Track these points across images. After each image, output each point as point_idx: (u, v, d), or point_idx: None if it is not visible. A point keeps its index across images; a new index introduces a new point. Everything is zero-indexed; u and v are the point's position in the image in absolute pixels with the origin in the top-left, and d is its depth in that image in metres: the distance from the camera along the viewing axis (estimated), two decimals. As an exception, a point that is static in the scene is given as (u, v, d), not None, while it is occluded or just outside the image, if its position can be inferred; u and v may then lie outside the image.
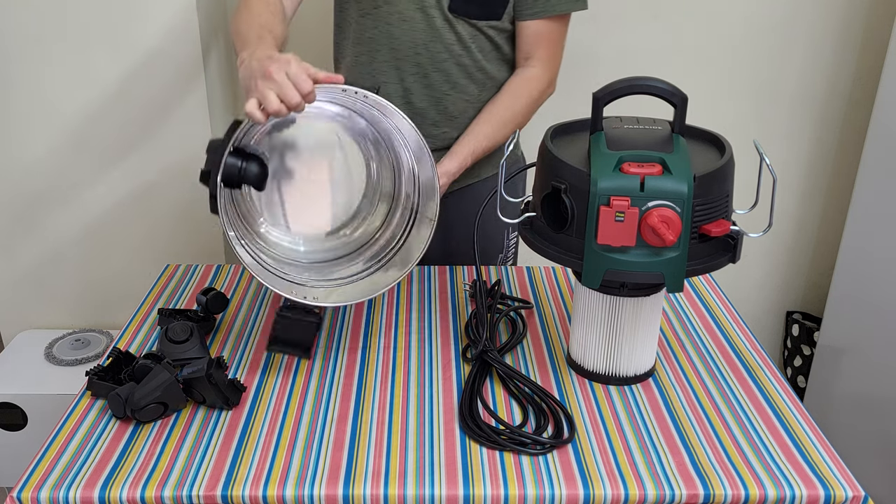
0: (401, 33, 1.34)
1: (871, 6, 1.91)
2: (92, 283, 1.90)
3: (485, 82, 1.40)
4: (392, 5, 1.33)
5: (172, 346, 1.07)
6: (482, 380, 1.07)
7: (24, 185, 1.79)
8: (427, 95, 1.39)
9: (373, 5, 1.34)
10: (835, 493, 0.89)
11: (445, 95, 1.39)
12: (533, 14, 1.35)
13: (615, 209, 0.90)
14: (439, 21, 1.33)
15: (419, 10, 1.32)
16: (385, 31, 1.35)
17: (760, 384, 1.08)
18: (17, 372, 1.80)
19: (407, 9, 1.33)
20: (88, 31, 1.64)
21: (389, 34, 1.35)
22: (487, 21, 1.34)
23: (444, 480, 0.90)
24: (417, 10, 1.32)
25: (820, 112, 2.03)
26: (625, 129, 1.02)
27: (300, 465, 0.92)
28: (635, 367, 1.07)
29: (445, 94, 1.39)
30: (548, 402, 1.02)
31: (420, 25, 1.33)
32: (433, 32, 1.34)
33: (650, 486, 0.89)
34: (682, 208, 0.90)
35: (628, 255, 0.93)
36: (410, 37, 1.34)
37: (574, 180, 0.94)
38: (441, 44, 1.35)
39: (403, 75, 1.37)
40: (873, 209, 1.81)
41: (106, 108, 1.72)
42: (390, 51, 1.36)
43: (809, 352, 2.17)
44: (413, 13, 1.33)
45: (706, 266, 0.96)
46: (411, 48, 1.35)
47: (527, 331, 1.20)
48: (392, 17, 1.33)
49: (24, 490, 0.88)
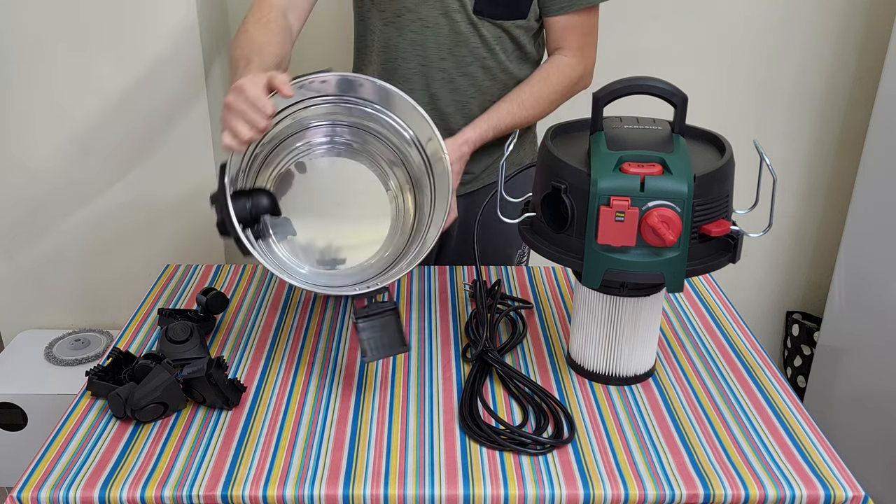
0: (425, 39, 1.34)
1: (871, 6, 1.91)
2: (92, 283, 1.90)
3: (507, 83, 1.39)
4: (415, 12, 1.32)
5: (172, 346, 1.07)
6: (482, 380, 1.07)
7: (25, 186, 1.79)
8: (453, 100, 1.38)
9: (396, 13, 1.34)
10: (835, 493, 0.89)
11: (470, 99, 1.39)
12: (559, 9, 1.34)
13: (615, 209, 0.90)
14: (464, 25, 1.32)
15: (443, 16, 1.32)
16: (409, 38, 1.34)
17: (760, 384, 1.08)
18: (17, 372, 1.80)
19: (430, 15, 1.32)
20: (91, 36, 1.65)
21: (414, 41, 1.34)
22: (513, 21, 1.34)
23: (444, 480, 0.90)
24: (441, 15, 1.32)
25: (820, 112, 2.03)
26: (625, 129, 1.02)
27: (300, 465, 0.92)
28: (635, 367, 1.07)
29: (470, 98, 1.39)
30: (548, 402, 1.02)
31: (444, 30, 1.33)
32: (458, 36, 1.33)
33: (650, 486, 0.89)
34: (683, 208, 0.90)
35: (628, 255, 0.93)
36: (435, 42, 1.34)
37: (574, 180, 0.94)
38: (466, 47, 1.34)
39: (430, 81, 1.37)
40: (873, 209, 1.81)
41: (107, 111, 1.72)
42: (416, 58, 1.35)
43: (809, 352, 2.17)
44: (437, 18, 1.32)
45: (706, 266, 0.96)
46: (436, 54, 1.34)
47: (527, 331, 1.21)
48: (416, 24, 1.33)
49: (24, 490, 0.89)
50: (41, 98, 1.71)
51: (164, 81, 1.70)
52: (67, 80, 1.69)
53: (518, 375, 1.06)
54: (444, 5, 1.31)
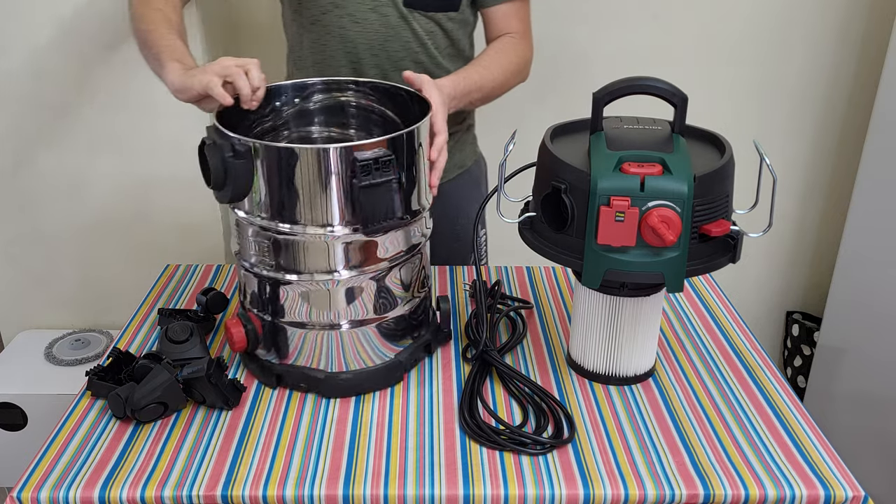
0: (355, 35, 1.32)
1: (871, 6, 1.91)
2: (92, 283, 1.90)
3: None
4: (343, 7, 1.30)
5: (172, 346, 1.07)
6: (482, 380, 1.07)
7: (25, 185, 1.79)
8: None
9: (321, 10, 1.31)
10: (835, 493, 0.89)
11: None
12: (497, 0, 1.34)
13: (615, 209, 0.90)
14: (394, 18, 1.31)
15: (371, 10, 1.30)
16: (339, 35, 1.32)
17: (760, 384, 1.08)
18: (17, 372, 1.80)
19: (358, 10, 1.30)
20: (88, 27, 1.64)
21: (343, 38, 1.32)
22: (445, 13, 1.33)
23: (444, 480, 0.90)
24: (369, 10, 1.30)
25: (820, 112, 2.03)
26: (625, 129, 1.02)
27: (300, 465, 0.92)
28: (635, 368, 1.07)
29: None
30: (548, 401, 1.02)
31: (374, 25, 1.31)
32: (389, 31, 1.31)
33: (650, 486, 0.89)
34: (682, 208, 0.90)
35: (628, 255, 0.93)
36: (366, 38, 1.32)
37: (574, 180, 0.94)
38: (398, 42, 1.32)
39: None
40: (873, 209, 1.81)
41: (105, 109, 1.72)
42: (346, 55, 1.33)
43: (809, 352, 2.17)
44: (365, 13, 1.30)
45: (706, 266, 0.96)
46: (368, 50, 1.33)
47: (527, 331, 1.20)
48: (343, 20, 1.31)
49: (24, 490, 0.89)
50: (41, 97, 1.71)
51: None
52: (66, 77, 1.69)
53: (518, 375, 1.06)
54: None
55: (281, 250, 1.00)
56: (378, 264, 1.02)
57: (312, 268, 1.00)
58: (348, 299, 1.02)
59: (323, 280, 1.00)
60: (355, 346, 1.04)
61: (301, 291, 1.01)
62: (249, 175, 0.96)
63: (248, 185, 0.97)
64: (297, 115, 1.16)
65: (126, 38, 1.65)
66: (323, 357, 1.04)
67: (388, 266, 1.03)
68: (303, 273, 1.00)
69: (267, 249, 1.01)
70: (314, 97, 1.16)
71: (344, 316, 1.03)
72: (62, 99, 1.71)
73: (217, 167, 0.95)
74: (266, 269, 1.02)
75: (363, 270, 1.01)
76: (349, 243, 0.99)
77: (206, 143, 0.97)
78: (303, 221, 0.97)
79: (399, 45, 1.33)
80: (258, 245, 1.02)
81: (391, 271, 1.04)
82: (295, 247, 0.99)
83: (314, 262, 0.99)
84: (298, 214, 0.97)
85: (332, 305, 1.02)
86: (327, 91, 1.16)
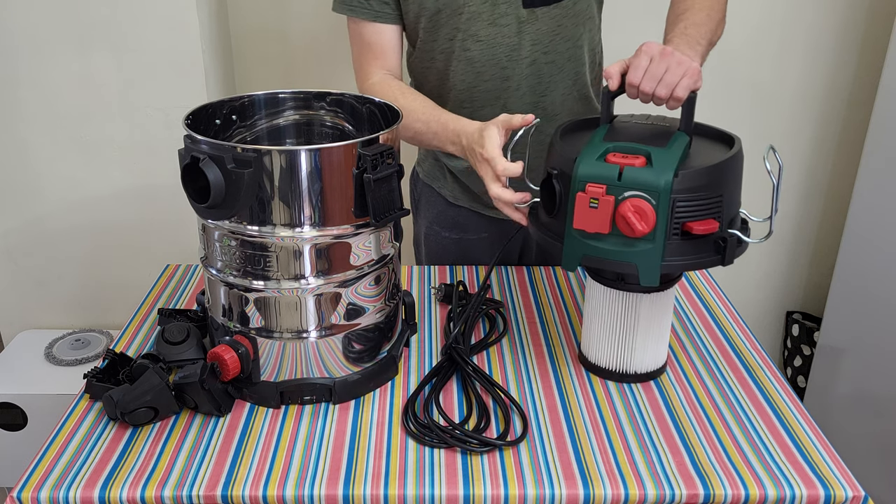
0: (487, 58, 1.28)
1: (871, 6, 1.91)
2: (92, 283, 1.90)
3: (578, 67, 1.33)
4: (465, 31, 1.26)
5: (169, 347, 1.07)
6: (446, 378, 1.06)
7: (25, 185, 1.79)
8: (527, 104, 1.32)
9: (449, 37, 1.27)
10: (835, 493, 0.89)
11: (541, 98, 1.33)
12: None
13: (590, 195, 0.92)
14: (514, 27, 1.26)
15: (492, 26, 1.25)
16: (465, 57, 1.28)
17: (760, 384, 1.08)
18: (17, 372, 1.80)
19: (481, 30, 1.25)
20: (90, 31, 1.65)
21: (471, 60, 1.28)
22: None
23: (444, 480, 0.90)
24: (489, 25, 1.25)
25: (820, 112, 2.03)
26: (631, 125, 1.04)
27: (300, 465, 0.92)
28: (648, 364, 1.07)
29: (541, 97, 1.33)
30: (503, 400, 1.01)
31: (499, 39, 1.27)
32: (517, 39, 1.27)
33: (650, 486, 0.89)
34: (658, 201, 0.90)
35: (604, 242, 0.94)
36: (490, 55, 1.27)
37: (563, 166, 0.96)
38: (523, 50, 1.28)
39: (505, 95, 1.31)
40: (873, 209, 1.81)
41: (106, 109, 1.73)
42: (489, 81, 1.30)
43: (809, 352, 2.17)
44: (488, 30, 1.26)
45: (688, 263, 0.95)
46: (494, 65, 1.28)
47: (507, 331, 1.20)
48: (468, 41, 1.27)
49: (24, 490, 0.88)
50: (42, 98, 1.71)
51: (164, 81, 1.70)
52: (68, 79, 1.69)
53: (477, 374, 1.05)
54: (491, 14, 1.24)
55: (264, 260, 0.96)
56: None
57: (283, 275, 0.97)
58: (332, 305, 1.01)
59: (292, 287, 0.98)
60: (356, 346, 1.04)
61: (284, 301, 0.98)
62: (255, 184, 0.91)
63: (254, 195, 0.92)
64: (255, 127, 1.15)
65: (128, 48, 1.65)
66: (328, 364, 1.03)
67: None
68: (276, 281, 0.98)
69: (258, 260, 0.96)
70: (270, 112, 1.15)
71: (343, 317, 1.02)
72: (63, 101, 1.72)
73: (217, 181, 0.89)
74: (253, 280, 0.98)
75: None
76: (316, 246, 0.97)
77: (200, 158, 0.90)
78: (302, 223, 0.96)
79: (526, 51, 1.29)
80: (244, 255, 0.97)
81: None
82: (267, 253, 0.96)
83: (284, 270, 0.97)
84: (296, 219, 0.95)
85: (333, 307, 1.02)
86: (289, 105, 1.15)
